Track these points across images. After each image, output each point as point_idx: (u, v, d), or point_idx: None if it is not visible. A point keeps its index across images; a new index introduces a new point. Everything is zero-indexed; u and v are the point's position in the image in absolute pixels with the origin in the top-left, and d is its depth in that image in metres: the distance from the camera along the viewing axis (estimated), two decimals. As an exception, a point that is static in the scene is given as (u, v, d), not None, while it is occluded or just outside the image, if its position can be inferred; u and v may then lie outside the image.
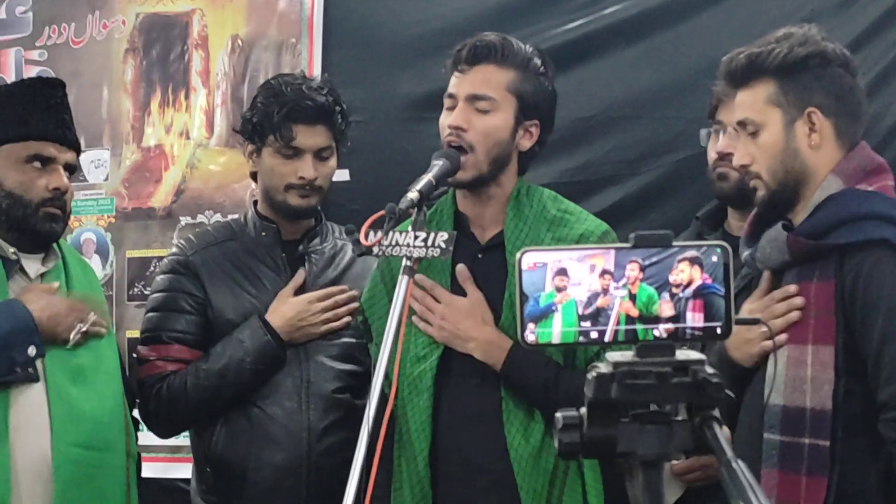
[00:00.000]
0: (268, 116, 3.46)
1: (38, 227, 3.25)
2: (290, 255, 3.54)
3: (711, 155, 3.41)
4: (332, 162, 3.54)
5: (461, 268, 3.04)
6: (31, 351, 3.08)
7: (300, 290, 3.49)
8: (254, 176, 3.60)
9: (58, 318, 3.15)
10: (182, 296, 3.50)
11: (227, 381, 3.40)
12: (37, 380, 3.11)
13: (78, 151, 3.38)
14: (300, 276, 3.48)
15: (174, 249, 3.62)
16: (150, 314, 3.55)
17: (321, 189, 3.51)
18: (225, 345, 3.43)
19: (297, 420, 3.40)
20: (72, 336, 3.18)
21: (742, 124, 2.79)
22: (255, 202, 3.62)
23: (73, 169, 3.35)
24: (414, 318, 3.07)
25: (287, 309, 3.43)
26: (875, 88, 3.68)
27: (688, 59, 4.00)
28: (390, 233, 2.83)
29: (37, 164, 3.25)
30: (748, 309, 2.76)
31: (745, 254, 2.86)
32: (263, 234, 3.54)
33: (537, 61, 3.13)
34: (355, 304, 3.44)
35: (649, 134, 3.96)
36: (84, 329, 3.20)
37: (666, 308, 1.69)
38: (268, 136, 3.46)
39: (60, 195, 3.27)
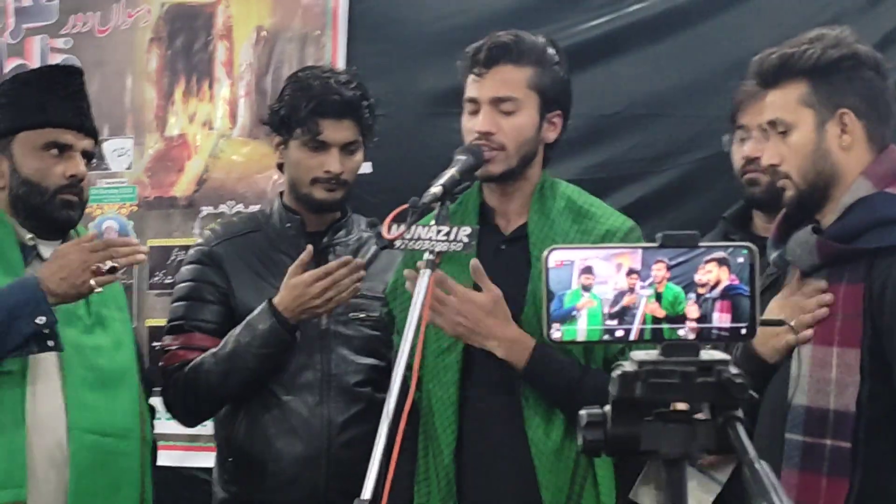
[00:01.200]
0: (295, 110, 3.47)
1: (55, 214, 3.26)
2: (314, 246, 3.54)
3: (737, 159, 3.41)
4: (359, 156, 3.54)
5: (475, 262, 3.02)
6: (41, 320, 3.02)
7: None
8: (280, 167, 3.61)
9: (71, 276, 3.07)
10: (206, 286, 3.51)
11: (236, 365, 3.39)
12: (61, 349, 3.10)
13: (96, 139, 3.39)
14: (307, 252, 3.41)
15: (200, 240, 3.65)
16: (175, 304, 3.57)
17: (347, 183, 3.51)
18: (237, 331, 3.43)
19: (317, 412, 3.41)
20: (94, 284, 3.09)
21: (773, 124, 2.78)
22: (282, 193, 3.63)
23: (90, 156, 3.36)
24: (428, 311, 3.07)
25: (288, 291, 3.37)
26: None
27: (711, 59, 4.01)
28: (413, 226, 2.82)
29: (54, 151, 3.26)
30: (777, 304, 2.76)
31: (773, 255, 2.86)
32: (288, 225, 3.55)
33: (551, 52, 3.14)
34: (361, 273, 3.37)
35: (671, 132, 3.97)
36: (110, 266, 3.11)
37: (692, 308, 1.70)
38: (295, 130, 3.47)
39: (77, 182, 3.28)
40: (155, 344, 4.15)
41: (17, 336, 3.02)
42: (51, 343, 3.07)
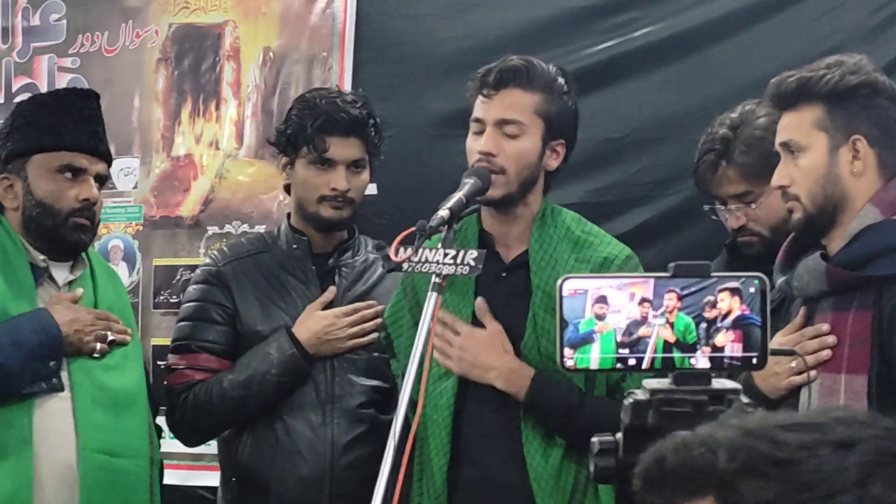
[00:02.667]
0: (302, 128, 3.49)
1: (67, 237, 3.28)
2: (320, 268, 3.56)
3: (728, 227, 3.42)
4: (365, 175, 3.56)
5: (479, 301, 3.06)
6: (53, 364, 3.14)
7: (328, 303, 3.51)
8: (287, 188, 3.62)
9: (84, 330, 3.19)
10: (212, 306, 3.53)
11: (252, 391, 3.43)
12: (62, 390, 3.14)
13: (109, 162, 3.42)
14: (331, 292, 3.50)
15: (207, 260, 3.67)
16: (181, 323, 3.59)
17: (353, 201, 3.53)
18: (252, 356, 3.45)
19: (321, 434, 3.43)
20: (98, 348, 3.22)
21: (785, 145, 2.80)
22: (289, 215, 3.65)
23: (103, 180, 3.39)
24: (435, 354, 3.06)
25: (314, 323, 3.45)
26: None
27: (716, 84, 4.01)
28: (420, 249, 2.84)
29: (68, 174, 3.29)
30: (779, 342, 2.76)
31: (779, 280, 2.87)
32: (295, 246, 3.57)
33: (561, 81, 3.15)
34: (381, 320, 3.45)
35: (676, 156, 3.97)
36: (110, 339, 3.23)
37: (703, 337, 1.72)
38: (301, 148, 3.49)
39: (90, 206, 3.31)
40: (160, 362, 4.17)
41: (35, 376, 3.09)
42: (56, 382, 3.16)
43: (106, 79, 4.71)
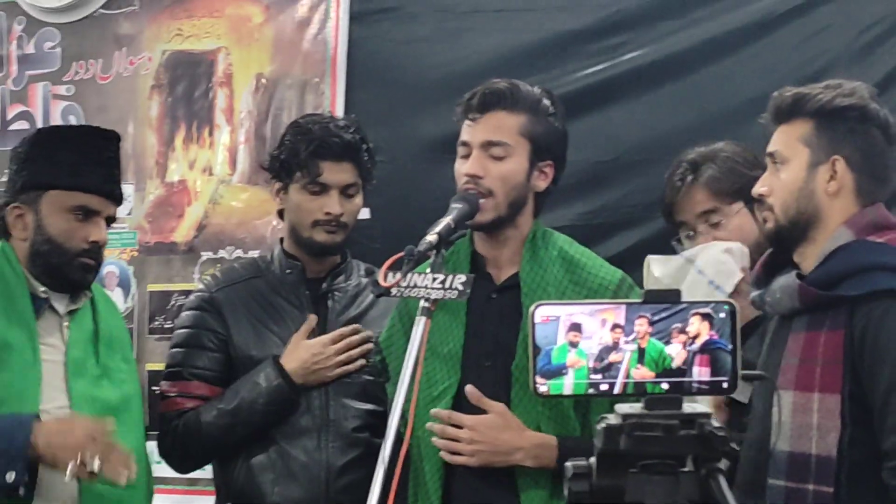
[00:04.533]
0: (295, 153, 3.51)
1: (72, 276, 3.30)
2: (313, 292, 3.57)
3: None
4: (358, 199, 3.58)
5: (470, 388, 3.04)
6: (10, 477, 2.98)
7: (321, 327, 3.53)
8: (280, 214, 3.64)
9: (64, 449, 3.01)
10: (205, 333, 3.54)
11: (239, 419, 3.44)
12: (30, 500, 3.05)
13: (120, 203, 3.44)
14: (312, 320, 3.51)
15: (200, 286, 3.68)
16: (173, 350, 3.60)
17: (347, 226, 3.55)
18: (240, 385, 3.46)
19: (316, 458, 3.43)
20: (68, 469, 3.00)
21: (771, 155, 2.84)
22: (282, 240, 3.66)
23: (111, 221, 3.40)
24: (441, 453, 3.07)
25: (301, 352, 3.45)
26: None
27: (705, 106, 4.03)
28: (409, 274, 2.85)
29: (80, 215, 3.29)
30: None
31: (753, 294, 2.91)
32: (288, 271, 3.58)
33: (546, 102, 3.16)
34: (369, 346, 3.47)
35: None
36: (92, 468, 3.01)
37: (673, 362, 1.73)
38: (295, 173, 3.51)
39: (98, 248, 3.32)
40: (154, 388, 4.17)
41: None
42: (21, 493, 3.02)
43: (100, 106, 4.75)
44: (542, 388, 1.75)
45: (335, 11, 4.45)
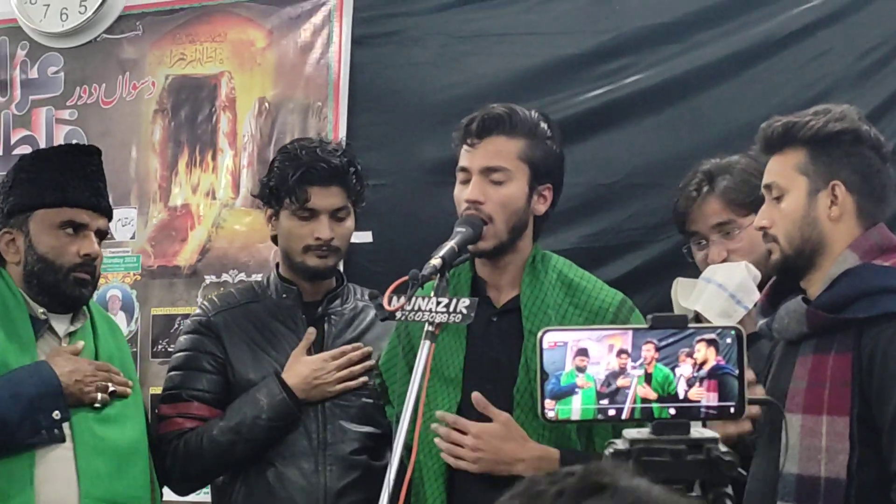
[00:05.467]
0: (284, 180, 3.52)
1: (69, 292, 3.31)
2: (310, 316, 3.58)
3: (704, 266, 3.40)
4: (349, 222, 3.59)
5: (477, 396, 3.05)
6: (56, 415, 3.14)
7: (318, 350, 3.53)
8: (274, 239, 3.65)
9: (84, 381, 3.20)
10: (203, 355, 3.55)
11: (242, 436, 3.44)
12: (63, 440, 3.16)
13: (110, 217, 3.45)
14: (311, 333, 3.52)
15: (198, 310, 3.68)
16: (171, 373, 3.60)
17: (339, 250, 3.56)
18: (242, 402, 3.47)
19: (314, 481, 3.43)
20: (98, 398, 3.23)
21: (768, 188, 2.85)
22: (277, 265, 3.68)
23: (103, 235, 3.42)
24: (443, 455, 3.07)
25: (302, 367, 3.46)
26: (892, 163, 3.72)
27: (706, 129, 4.05)
28: (413, 298, 2.86)
29: (69, 230, 3.31)
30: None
31: (760, 322, 2.91)
32: (285, 296, 3.60)
33: (544, 126, 3.17)
34: (371, 362, 3.48)
35: (667, 202, 3.96)
36: (111, 390, 3.25)
37: (681, 387, 1.74)
38: (284, 199, 3.52)
39: (91, 261, 3.33)
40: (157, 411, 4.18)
41: (35, 427, 3.10)
42: (57, 432, 3.15)
43: (103, 130, 4.76)
44: (551, 414, 1.76)
45: (338, 36, 4.47)
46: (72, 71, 4.86)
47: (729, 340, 1.74)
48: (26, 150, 4.72)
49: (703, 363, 1.74)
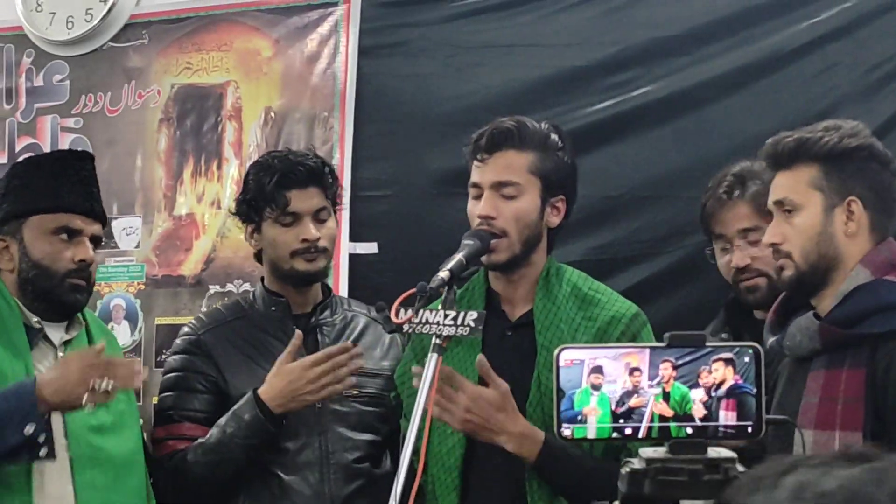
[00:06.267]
0: (261, 189, 3.51)
1: (64, 298, 3.29)
2: (301, 327, 3.53)
3: (726, 270, 3.42)
4: (332, 223, 3.57)
5: (481, 359, 3.03)
6: (29, 429, 3.00)
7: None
8: (258, 257, 3.63)
9: (66, 386, 3.05)
10: (194, 375, 3.52)
11: (223, 456, 3.39)
12: (52, 458, 3.07)
13: (104, 223, 3.43)
14: (298, 337, 3.43)
15: (185, 329, 3.64)
16: (163, 395, 3.57)
17: (326, 251, 3.53)
18: (225, 421, 3.42)
19: (318, 490, 3.41)
20: (84, 401, 3.06)
21: (779, 203, 2.82)
22: (262, 279, 3.65)
23: (98, 240, 3.39)
24: (434, 409, 3.02)
25: (277, 381, 3.38)
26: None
27: (715, 142, 4.04)
28: (421, 311, 2.85)
29: (64, 236, 3.30)
30: None
31: (770, 340, 2.90)
32: (273, 308, 3.57)
33: (554, 137, 3.16)
34: (360, 363, 3.42)
35: (676, 214, 4.00)
36: (105, 388, 3.07)
37: (698, 406, 1.73)
38: (264, 210, 3.50)
39: (86, 267, 3.31)
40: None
41: (4, 445, 3.01)
42: (42, 452, 3.04)
43: (108, 139, 4.75)
44: (567, 432, 1.75)
45: (344, 46, 4.47)
46: (77, 79, 4.86)
47: (747, 359, 1.73)
48: (31, 158, 4.73)
49: (721, 382, 1.72)
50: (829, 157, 2.78)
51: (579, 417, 1.74)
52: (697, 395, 1.72)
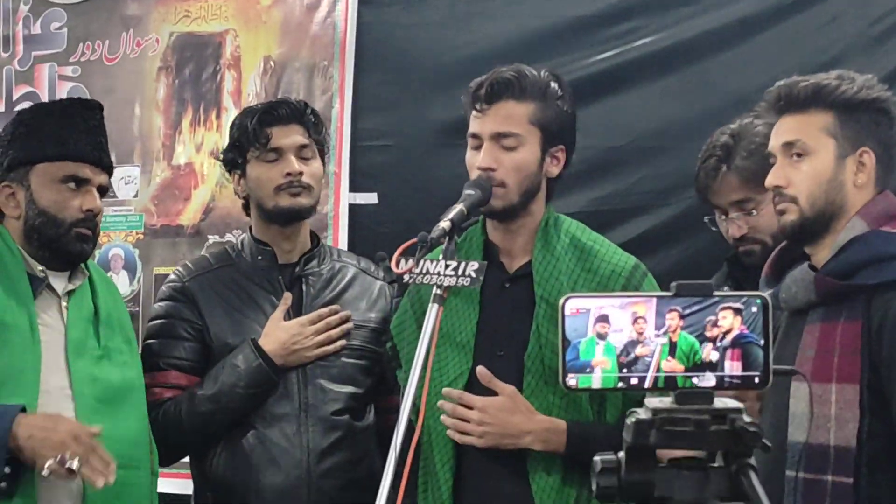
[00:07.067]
0: (244, 130, 3.53)
1: (70, 247, 3.27)
2: (286, 277, 3.55)
3: (728, 236, 3.45)
4: (316, 163, 3.57)
5: (482, 369, 3.02)
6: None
7: (297, 312, 3.50)
8: (245, 207, 3.64)
9: (44, 442, 2.97)
10: (179, 322, 3.52)
11: (221, 405, 3.41)
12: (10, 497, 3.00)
13: (111, 173, 3.42)
14: (287, 297, 3.48)
15: (171, 276, 3.64)
16: (148, 341, 3.56)
17: (311, 188, 3.52)
18: (219, 370, 3.43)
19: (296, 442, 3.41)
20: (45, 465, 2.95)
21: (788, 145, 2.79)
22: (250, 228, 3.65)
23: (104, 191, 3.38)
24: (449, 431, 3.03)
25: (281, 333, 3.43)
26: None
27: (717, 93, 4.03)
28: (421, 261, 2.83)
29: (72, 184, 3.28)
30: None
31: (766, 293, 2.87)
32: (260, 257, 3.56)
33: (554, 86, 3.11)
34: (349, 325, 3.48)
35: (677, 165, 3.97)
36: (71, 466, 2.96)
37: (705, 356, 1.71)
38: (248, 150, 3.52)
39: (93, 217, 3.30)
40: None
41: None
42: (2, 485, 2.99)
43: (106, 87, 4.73)
44: (571, 382, 1.73)
45: (345, -6, 4.44)
46: (75, 27, 4.83)
47: (755, 309, 1.71)
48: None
49: (729, 332, 1.71)
50: (847, 106, 2.76)
51: (585, 367, 1.72)
52: (705, 344, 1.70)
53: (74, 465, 2.94)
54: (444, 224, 2.85)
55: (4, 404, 3.03)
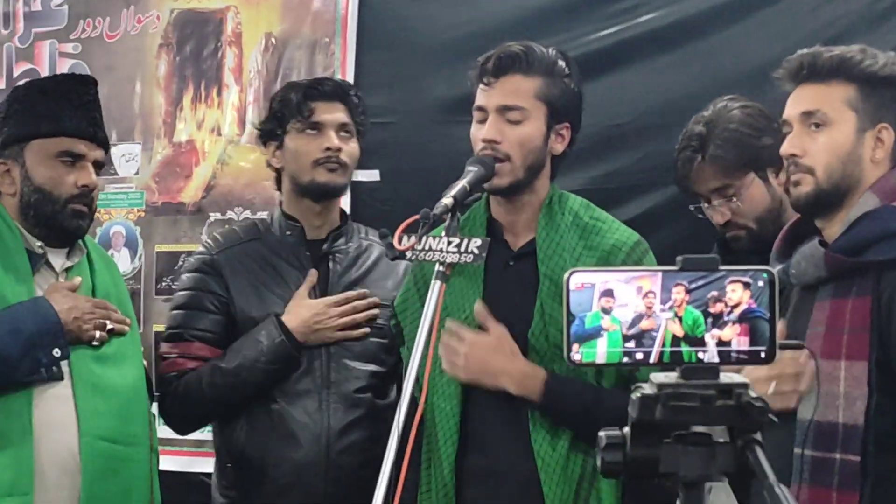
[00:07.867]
0: (287, 102, 3.56)
1: (66, 224, 3.28)
2: (314, 254, 3.56)
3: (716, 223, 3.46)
4: (354, 143, 3.59)
5: (479, 306, 3.04)
6: (56, 352, 3.12)
7: (322, 289, 3.52)
8: (277, 181, 3.64)
9: (82, 318, 3.18)
10: (206, 295, 3.53)
11: (242, 379, 3.43)
12: (61, 378, 3.14)
13: (107, 149, 3.42)
14: (313, 275, 3.51)
15: (200, 248, 3.67)
16: (174, 311, 3.59)
17: (347, 166, 3.55)
18: (242, 344, 3.46)
19: (316, 419, 3.43)
20: (97, 336, 3.21)
21: (808, 115, 2.77)
22: (281, 202, 3.66)
23: (100, 166, 3.39)
24: (443, 363, 3.05)
25: (304, 311, 3.45)
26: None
27: (721, 69, 4.01)
28: (424, 237, 2.83)
29: (67, 160, 3.28)
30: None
31: (776, 268, 2.86)
32: (288, 233, 3.58)
33: (561, 64, 3.12)
34: (375, 311, 3.48)
35: (680, 143, 3.97)
36: (108, 328, 3.24)
37: (711, 331, 1.70)
38: (289, 122, 3.54)
39: (88, 192, 3.30)
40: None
41: (35, 364, 3.09)
42: (56, 370, 3.14)
43: (107, 64, 4.73)
44: (576, 357, 1.71)
45: (346, -30, 4.42)
46: (75, 4, 4.83)
47: (761, 283, 1.70)
48: (30, 83, 4.69)
49: (736, 306, 1.69)
50: (871, 80, 2.75)
51: (590, 342, 1.71)
52: (710, 319, 1.69)
53: (108, 326, 3.25)
54: (447, 200, 2.84)
55: (25, 302, 3.15)
